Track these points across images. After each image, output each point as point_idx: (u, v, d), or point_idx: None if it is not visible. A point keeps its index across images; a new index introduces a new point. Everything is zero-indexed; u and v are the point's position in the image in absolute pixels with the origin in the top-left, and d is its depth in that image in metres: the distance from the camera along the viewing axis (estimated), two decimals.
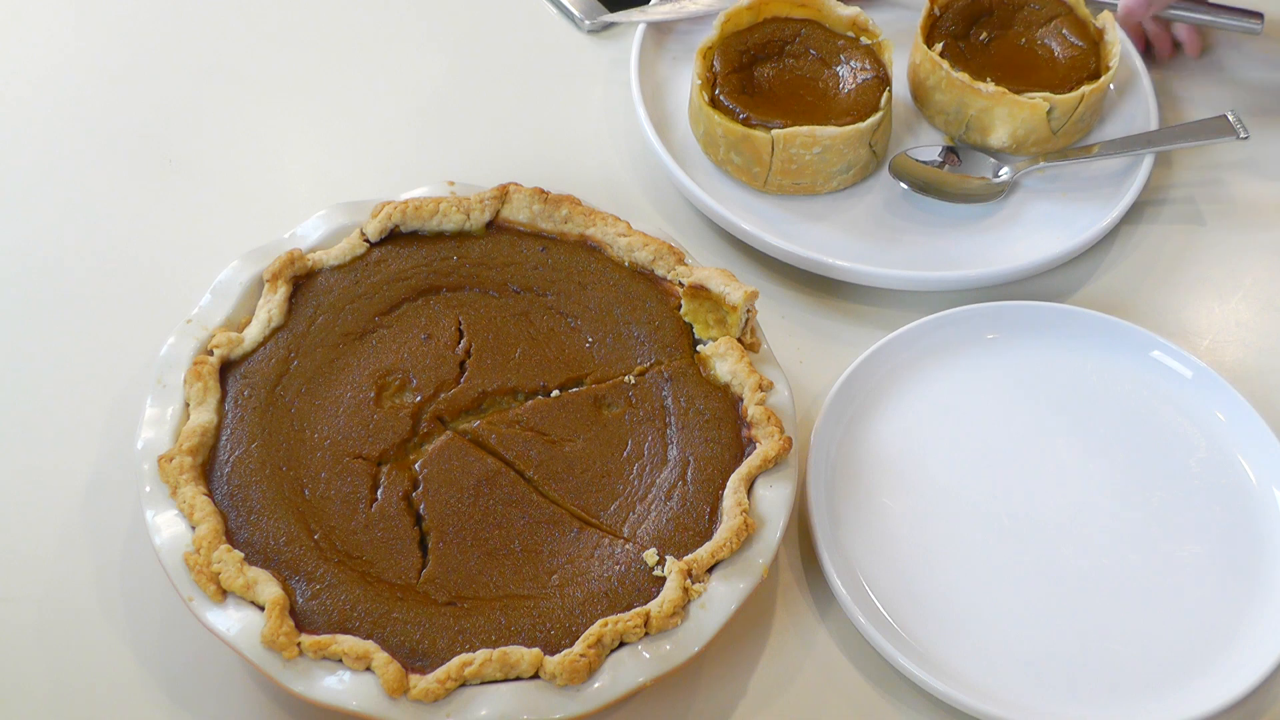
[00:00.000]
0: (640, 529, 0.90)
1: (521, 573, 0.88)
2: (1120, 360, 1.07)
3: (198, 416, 0.91)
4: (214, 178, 1.19)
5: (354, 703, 0.80)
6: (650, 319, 1.00)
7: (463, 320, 0.99)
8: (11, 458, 1.00)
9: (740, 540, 0.88)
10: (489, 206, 1.03)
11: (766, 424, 0.93)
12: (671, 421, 0.95)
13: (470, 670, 0.81)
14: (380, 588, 0.86)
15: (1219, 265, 1.19)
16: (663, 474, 0.93)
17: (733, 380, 0.96)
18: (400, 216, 1.02)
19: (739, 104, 1.15)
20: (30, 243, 1.13)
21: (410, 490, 0.91)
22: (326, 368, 0.96)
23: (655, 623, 0.84)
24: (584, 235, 1.03)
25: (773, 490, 0.91)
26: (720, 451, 0.93)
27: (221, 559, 0.84)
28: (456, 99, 1.27)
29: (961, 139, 1.21)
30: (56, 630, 0.92)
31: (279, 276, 0.98)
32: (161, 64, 1.28)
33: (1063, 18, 1.23)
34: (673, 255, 1.02)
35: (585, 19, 1.33)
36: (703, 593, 0.86)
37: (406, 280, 1.00)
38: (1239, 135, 1.18)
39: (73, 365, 1.05)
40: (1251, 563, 0.97)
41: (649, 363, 0.98)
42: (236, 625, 0.83)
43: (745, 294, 0.97)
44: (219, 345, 0.94)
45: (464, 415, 0.95)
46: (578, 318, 1.00)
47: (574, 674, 0.81)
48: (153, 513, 0.87)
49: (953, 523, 0.98)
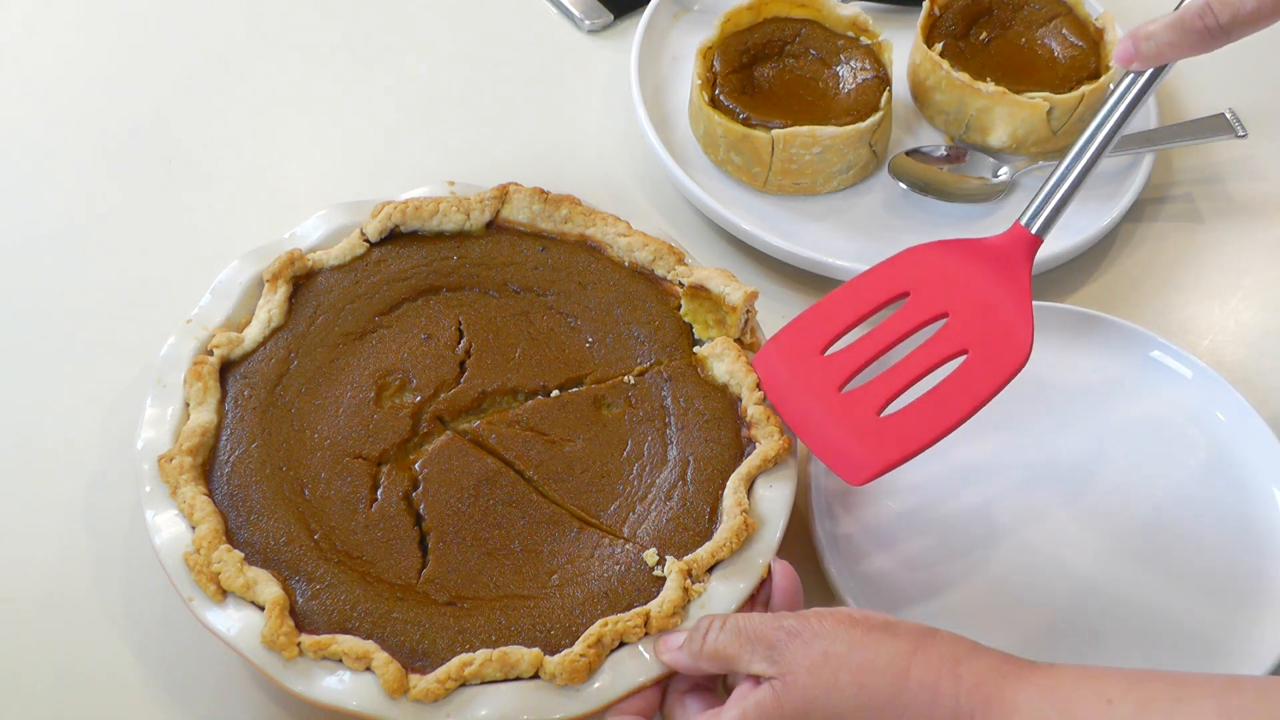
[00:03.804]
0: (640, 529, 0.90)
1: (521, 573, 0.88)
2: (1120, 360, 1.07)
3: (198, 416, 0.91)
4: (213, 178, 1.19)
5: (354, 702, 0.80)
6: (650, 319, 1.00)
7: (463, 320, 0.99)
8: (10, 457, 1.00)
9: (740, 540, 0.88)
10: (489, 206, 1.03)
11: (766, 424, 0.93)
12: (671, 421, 0.95)
13: (470, 670, 0.81)
14: (380, 588, 0.86)
15: (1219, 265, 1.19)
16: (662, 474, 0.93)
17: (731, 380, 0.96)
18: (400, 216, 1.02)
19: (739, 104, 1.15)
20: (29, 242, 1.13)
21: (410, 490, 0.91)
22: (326, 368, 0.96)
23: (655, 622, 0.84)
24: (584, 235, 1.03)
25: (773, 490, 0.91)
26: (720, 451, 0.93)
27: (221, 559, 0.84)
28: (457, 99, 1.27)
29: (961, 139, 1.21)
30: (56, 630, 0.92)
31: (279, 276, 0.98)
32: (160, 63, 1.28)
33: (1063, 18, 1.23)
34: (672, 255, 1.02)
35: (585, 19, 1.33)
36: (703, 593, 0.86)
37: (406, 280, 1.00)
38: (1237, 134, 1.18)
39: (72, 365, 1.05)
40: (1251, 563, 0.97)
41: (649, 363, 0.98)
42: (236, 625, 0.83)
43: (745, 294, 0.97)
44: (219, 345, 0.94)
45: (464, 415, 0.95)
46: (577, 318, 1.00)
47: (574, 674, 0.81)
48: (153, 512, 0.87)
49: (952, 523, 0.98)
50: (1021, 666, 0.74)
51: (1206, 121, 1.20)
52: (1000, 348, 0.91)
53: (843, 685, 0.74)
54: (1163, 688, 0.69)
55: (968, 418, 0.90)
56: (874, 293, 0.96)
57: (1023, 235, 0.95)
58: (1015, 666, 0.74)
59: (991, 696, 0.72)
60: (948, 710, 0.72)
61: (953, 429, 0.90)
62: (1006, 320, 0.93)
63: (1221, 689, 0.68)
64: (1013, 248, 0.95)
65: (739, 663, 0.78)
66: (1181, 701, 0.68)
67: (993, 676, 0.73)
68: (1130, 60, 0.90)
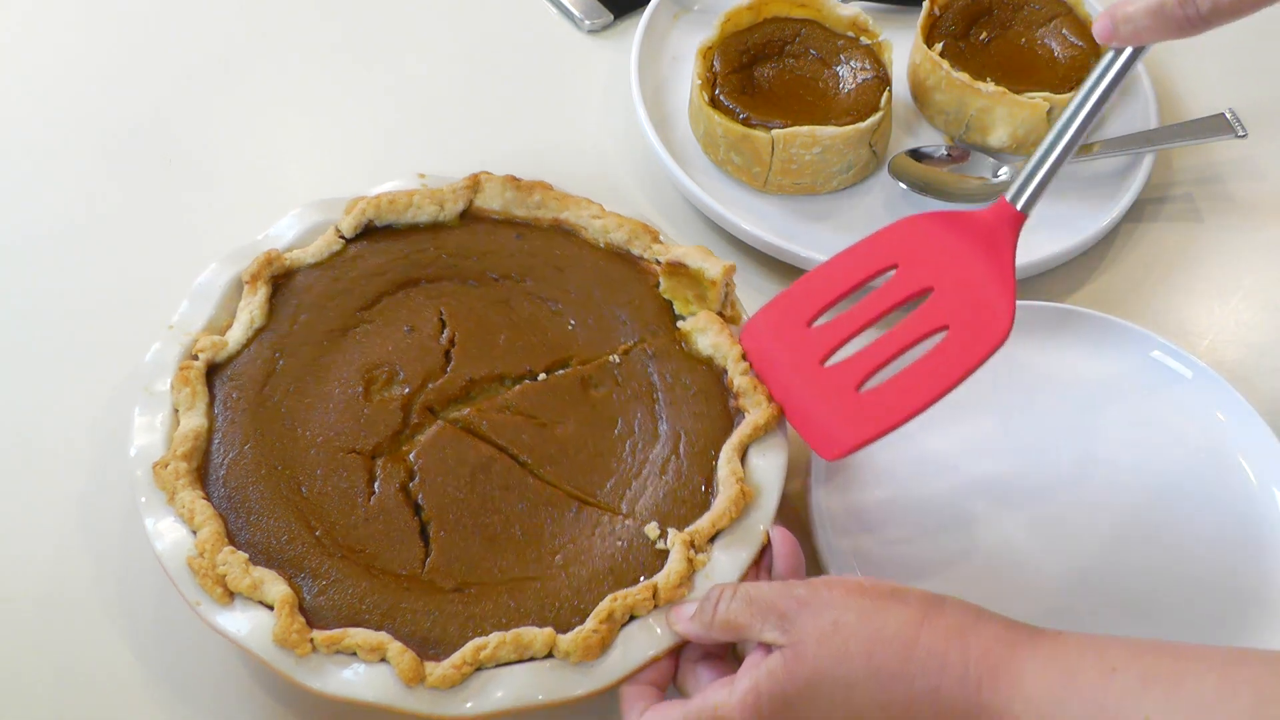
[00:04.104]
0: (638, 505, 0.91)
1: (525, 555, 0.88)
2: (1120, 360, 1.07)
3: (188, 421, 0.91)
4: (213, 178, 1.18)
5: (371, 694, 0.80)
6: (630, 298, 1.00)
7: (444, 311, 0.99)
8: (10, 457, 1.00)
9: (739, 509, 0.89)
10: (462, 196, 1.03)
11: (753, 393, 0.94)
12: (659, 397, 0.96)
13: (485, 654, 0.81)
14: (386, 579, 0.86)
15: (1219, 265, 1.18)
16: (655, 449, 0.94)
17: (715, 353, 0.97)
18: (374, 211, 1.02)
19: (739, 104, 1.15)
20: (29, 242, 1.13)
21: (407, 481, 0.91)
22: (312, 365, 0.96)
23: (664, 594, 0.85)
24: (558, 220, 1.04)
25: (765, 459, 0.92)
26: (710, 424, 0.94)
27: (226, 561, 0.84)
28: (457, 99, 1.27)
29: (961, 139, 1.21)
30: (55, 630, 0.92)
31: (258, 277, 0.97)
32: (159, 64, 1.28)
33: (1063, 18, 1.23)
34: (648, 234, 1.02)
35: (585, 19, 1.33)
36: (706, 563, 0.87)
37: (385, 274, 1.00)
38: (1237, 133, 1.18)
39: (72, 365, 1.05)
40: (1251, 563, 0.97)
41: (633, 341, 0.98)
42: (246, 626, 0.82)
43: (724, 269, 0.98)
44: (203, 349, 0.94)
45: (453, 404, 0.95)
46: (558, 301, 1.00)
47: (588, 650, 0.82)
48: (152, 520, 0.87)
49: (952, 524, 0.98)
50: (1028, 634, 0.75)
51: (1206, 121, 1.20)
52: (980, 325, 0.91)
53: (852, 655, 0.75)
54: (1166, 659, 0.70)
55: (942, 396, 0.90)
56: (863, 265, 0.97)
57: (1008, 211, 0.95)
58: (1022, 634, 0.75)
59: (998, 664, 0.73)
60: (955, 678, 0.73)
61: (927, 407, 0.90)
62: (988, 297, 0.93)
63: (1224, 662, 0.69)
64: (999, 223, 0.95)
65: (750, 631, 0.79)
66: (1184, 674, 0.68)
67: (999, 645, 0.74)
68: (1109, 39, 0.91)
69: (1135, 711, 0.68)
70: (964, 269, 0.94)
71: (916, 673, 0.74)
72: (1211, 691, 0.67)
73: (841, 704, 0.75)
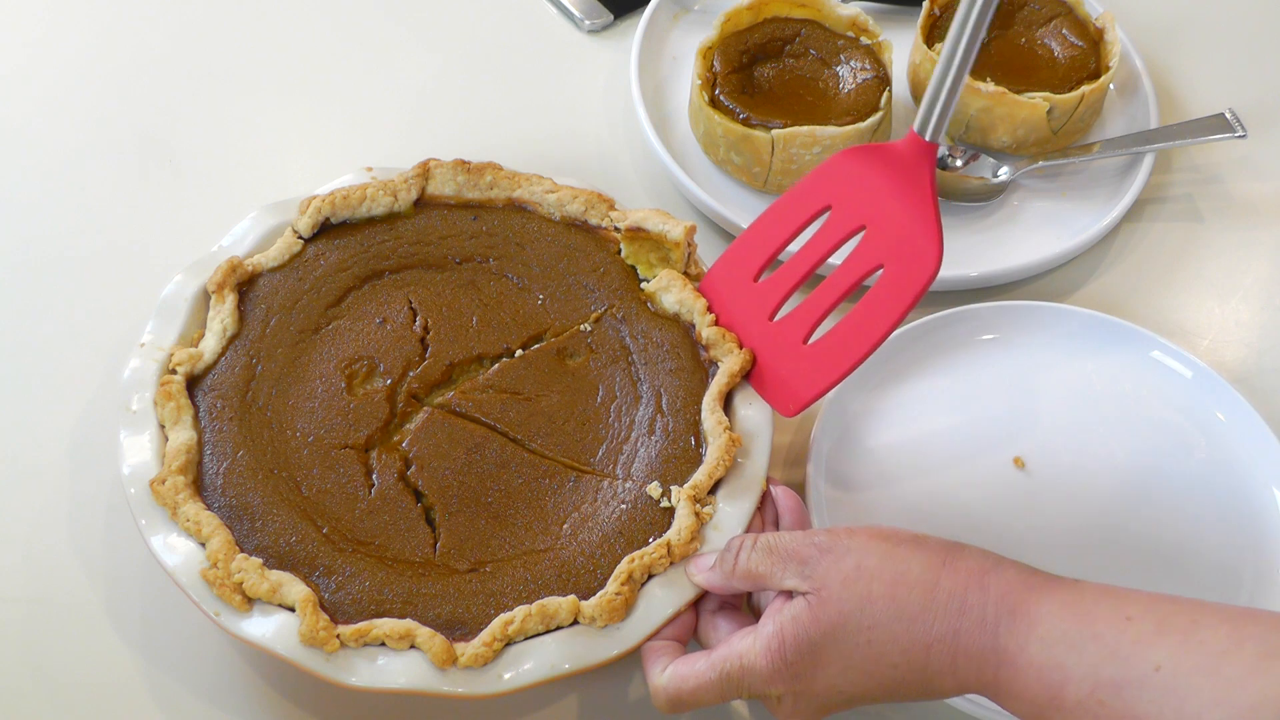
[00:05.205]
0: (634, 467, 0.92)
1: (532, 528, 0.90)
2: (1120, 360, 1.07)
3: (177, 436, 0.90)
4: (213, 177, 1.19)
5: (405, 680, 0.81)
6: (594, 267, 1.02)
7: (413, 299, 1.00)
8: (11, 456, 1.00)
9: (731, 457, 0.90)
10: (414, 185, 1.04)
11: (723, 342, 0.96)
12: (635, 359, 0.98)
13: (513, 628, 0.83)
14: (401, 567, 0.87)
15: (1219, 265, 1.19)
16: (639, 411, 0.95)
17: (681, 309, 0.99)
18: (330, 209, 1.02)
19: (739, 104, 1.15)
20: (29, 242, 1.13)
21: (404, 470, 0.92)
22: (291, 367, 0.96)
23: (677, 550, 0.86)
24: (511, 199, 1.05)
25: (752, 408, 0.94)
26: (686, 378, 0.96)
27: (241, 567, 0.84)
28: (457, 99, 1.27)
29: (961, 139, 1.21)
30: (55, 631, 0.92)
31: (224, 286, 0.97)
32: (160, 63, 1.28)
33: (1063, 18, 1.23)
34: (603, 203, 1.04)
35: (585, 19, 1.33)
36: (713, 515, 0.89)
37: (348, 269, 1.00)
38: (1237, 134, 1.18)
39: (72, 363, 1.05)
40: (1251, 563, 0.97)
41: (602, 309, 1.00)
42: (271, 630, 0.82)
43: (685, 229, 0.99)
44: (180, 363, 0.93)
45: (437, 389, 0.96)
46: (524, 278, 1.01)
47: (613, 613, 0.83)
48: (158, 538, 0.86)
49: (952, 525, 0.98)
50: (1046, 579, 0.76)
51: (1206, 121, 1.19)
52: (910, 262, 0.92)
53: (875, 597, 0.76)
54: (1181, 609, 0.72)
55: (886, 337, 0.92)
56: (798, 211, 0.98)
57: (919, 143, 0.95)
58: (1041, 579, 0.76)
59: (1016, 607, 0.74)
60: (974, 619, 0.75)
61: (872, 351, 0.92)
62: (916, 230, 0.93)
63: (1236, 616, 0.70)
64: (913, 155, 0.95)
65: (771, 580, 0.80)
66: (1198, 625, 0.70)
67: (1018, 587, 0.75)
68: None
69: (1146, 659, 0.69)
70: (891, 203, 0.95)
71: (938, 614, 0.75)
72: (1222, 642, 0.69)
73: (864, 645, 0.76)
